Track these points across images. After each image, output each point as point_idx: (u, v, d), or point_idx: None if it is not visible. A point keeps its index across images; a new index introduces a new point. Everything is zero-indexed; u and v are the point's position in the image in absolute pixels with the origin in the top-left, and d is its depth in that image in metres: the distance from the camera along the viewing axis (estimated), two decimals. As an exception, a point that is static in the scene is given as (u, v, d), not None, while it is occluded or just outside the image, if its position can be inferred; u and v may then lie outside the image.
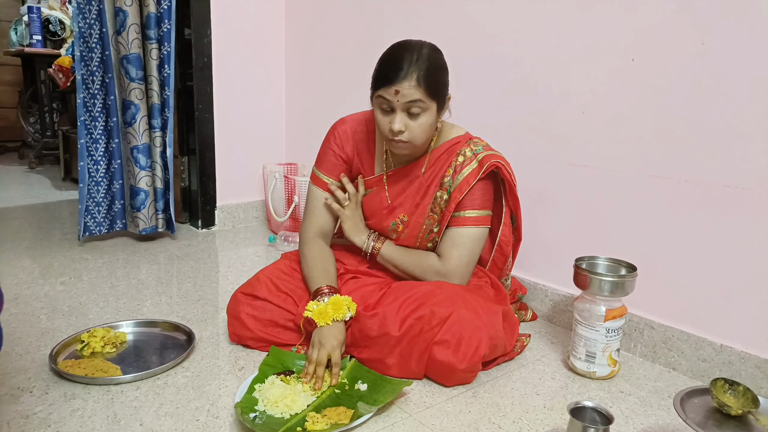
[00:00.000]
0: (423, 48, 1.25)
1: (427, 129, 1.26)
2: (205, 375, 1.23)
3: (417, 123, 1.24)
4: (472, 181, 1.32)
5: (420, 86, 1.20)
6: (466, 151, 1.36)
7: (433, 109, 1.25)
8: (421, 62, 1.21)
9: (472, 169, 1.33)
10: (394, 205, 1.40)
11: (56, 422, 1.04)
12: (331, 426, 1.01)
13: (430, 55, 1.24)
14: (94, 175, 2.18)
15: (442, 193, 1.36)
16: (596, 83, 1.44)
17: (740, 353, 1.23)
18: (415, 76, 1.20)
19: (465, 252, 1.34)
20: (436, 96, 1.24)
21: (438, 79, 1.25)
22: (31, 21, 3.72)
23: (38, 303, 1.59)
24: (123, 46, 2.06)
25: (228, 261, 2.08)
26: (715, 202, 1.25)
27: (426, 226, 1.38)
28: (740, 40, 1.18)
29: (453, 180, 1.34)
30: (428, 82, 1.21)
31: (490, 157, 1.33)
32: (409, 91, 1.20)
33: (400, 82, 1.20)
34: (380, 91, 1.23)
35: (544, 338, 1.50)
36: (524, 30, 1.59)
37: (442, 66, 1.28)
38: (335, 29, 2.31)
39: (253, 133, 2.55)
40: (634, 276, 1.24)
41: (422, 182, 1.38)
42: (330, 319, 1.23)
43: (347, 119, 1.46)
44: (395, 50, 1.26)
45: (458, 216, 1.34)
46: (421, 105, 1.22)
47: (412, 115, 1.23)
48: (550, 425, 1.09)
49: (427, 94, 1.21)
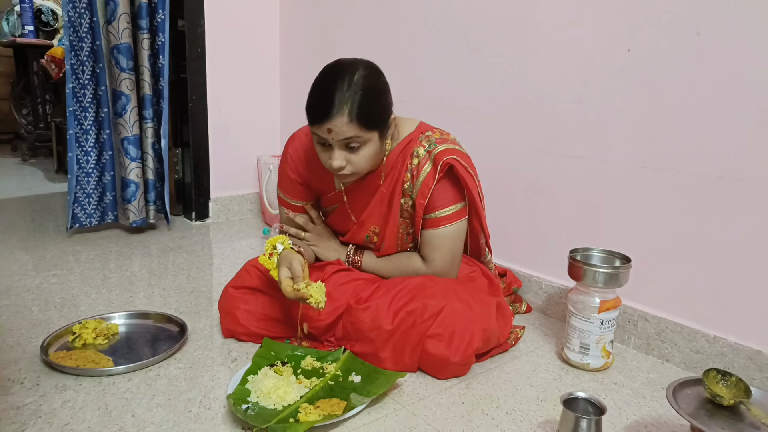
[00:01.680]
0: (355, 74, 1.14)
1: (371, 158, 1.20)
2: (197, 366, 1.23)
3: (358, 156, 1.18)
4: (431, 183, 1.26)
5: (353, 122, 1.12)
6: (419, 150, 1.28)
7: (374, 138, 1.18)
8: (352, 93, 1.12)
9: (428, 172, 1.27)
10: (362, 219, 1.36)
11: (47, 413, 1.03)
12: (324, 417, 1.01)
13: (363, 82, 1.14)
14: (85, 166, 2.16)
15: (406, 200, 1.31)
16: (591, 74, 1.43)
17: (733, 345, 1.23)
18: (347, 111, 1.11)
19: (446, 251, 1.31)
20: (375, 126, 1.17)
21: (375, 109, 1.16)
22: (23, 11, 3.68)
23: (30, 295, 1.58)
24: (114, 36, 2.04)
25: (222, 253, 2.07)
26: (709, 193, 1.25)
27: (402, 232, 1.35)
28: (736, 31, 1.17)
29: (413, 185, 1.29)
30: (363, 116, 1.13)
31: (443, 154, 1.26)
32: (343, 129, 1.13)
33: (331, 119, 1.12)
34: (313, 128, 1.17)
35: (538, 330, 1.50)
36: (518, 20, 1.58)
37: (379, 90, 1.18)
38: (330, 19, 2.29)
39: (247, 124, 2.54)
40: (628, 267, 1.24)
41: (383, 193, 1.32)
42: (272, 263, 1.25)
43: (299, 135, 1.38)
44: (324, 80, 1.16)
45: (431, 218, 1.29)
46: (359, 140, 1.15)
47: (352, 149, 1.17)
48: (543, 416, 1.09)
49: (363, 129, 1.14)
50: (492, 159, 1.69)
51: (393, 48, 1.99)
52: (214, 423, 1.02)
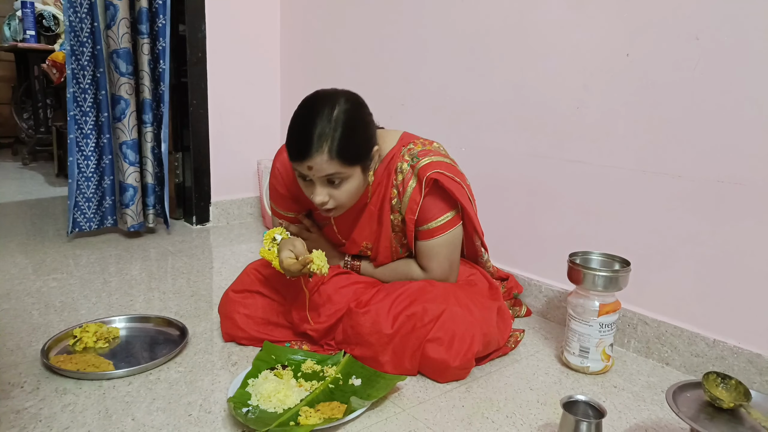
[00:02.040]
0: (335, 108, 1.12)
1: (354, 192, 1.20)
2: (197, 370, 1.23)
3: (341, 191, 1.17)
4: (418, 198, 1.25)
5: (333, 159, 1.10)
6: (402, 165, 1.26)
7: (356, 173, 1.17)
8: (332, 129, 1.10)
9: (414, 187, 1.25)
10: (352, 237, 1.36)
11: (48, 417, 1.03)
12: (324, 420, 1.01)
13: (344, 117, 1.12)
14: (85, 170, 2.17)
15: (396, 216, 1.29)
16: (591, 79, 1.44)
17: (733, 348, 1.24)
18: (327, 149, 1.10)
19: (443, 259, 1.31)
20: (356, 161, 1.15)
21: (356, 144, 1.14)
22: (24, 16, 3.69)
23: (30, 299, 1.58)
24: (113, 41, 2.05)
25: (222, 257, 2.07)
26: (708, 197, 1.25)
27: (395, 244, 1.35)
28: (735, 35, 1.18)
29: (401, 201, 1.27)
30: (343, 153, 1.11)
31: (427, 168, 1.23)
32: (323, 166, 1.11)
33: (311, 157, 1.10)
34: (294, 164, 1.15)
35: (538, 334, 1.50)
36: (519, 24, 1.59)
37: (359, 124, 1.16)
38: (331, 23, 2.30)
39: (248, 128, 2.54)
40: (628, 271, 1.24)
41: (372, 210, 1.31)
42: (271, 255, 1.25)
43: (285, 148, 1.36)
44: (303, 114, 1.14)
45: (424, 230, 1.28)
46: (341, 176, 1.14)
47: (335, 184, 1.16)
48: (543, 420, 1.09)
49: (344, 165, 1.12)
50: (492, 163, 1.69)
51: (394, 53, 2.00)
52: (214, 426, 1.02)
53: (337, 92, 1.17)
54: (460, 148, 1.77)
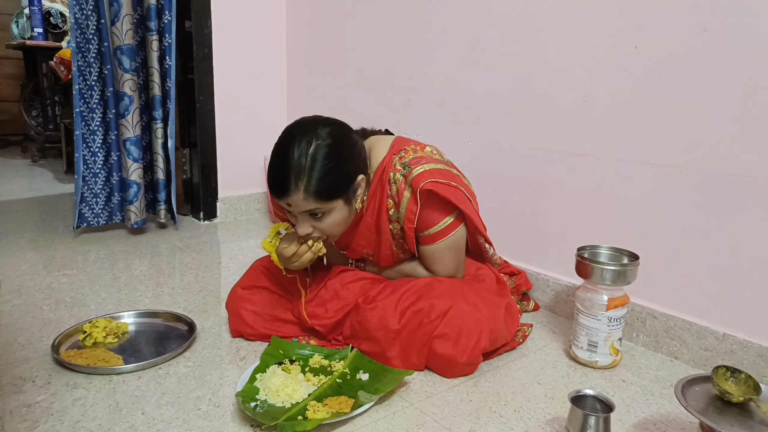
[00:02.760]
0: (312, 143, 1.09)
1: (341, 222, 1.18)
2: (206, 365, 1.23)
3: (325, 223, 1.16)
4: (414, 209, 1.23)
5: (310, 197, 1.10)
6: (396, 176, 1.24)
7: (338, 205, 1.15)
8: (309, 168, 1.08)
9: (408, 198, 1.23)
10: (352, 247, 1.35)
11: (59, 411, 1.04)
12: (332, 414, 1.02)
13: (322, 153, 1.09)
14: (92, 166, 2.18)
15: (394, 225, 1.29)
16: (598, 72, 1.43)
17: (742, 342, 1.23)
18: (303, 188, 1.08)
19: (448, 262, 1.31)
20: (336, 196, 1.13)
21: (334, 181, 1.11)
22: (32, 14, 3.71)
23: (41, 294, 1.59)
24: (117, 37, 2.05)
25: (230, 253, 2.08)
26: (717, 190, 1.24)
27: (396, 250, 1.34)
28: (743, 27, 1.17)
29: (398, 211, 1.26)
30: (321, 190, 1.10)
31: (419, 180, 1.21)
32: (303, 204, 1.11)
33: (289, 195, 1.10)
34: (274, 198, 1.15)
35: (546, 328, 1.50)
36: (525, 17, 1.58)
37: (338, 160, 1.12)
38: (336, 19, 2.30)
39: (255, 124, 2.55)
40: (636, 265, 1.23)
41: (368, 222, 1.30)
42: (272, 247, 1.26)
43: None
44: (281, 150, 1.12)
45: (425, 235, 1.28)
46: (322, 209, 1.13)
47: (317, 217, 1.15)
48: (551, 414, 1.09)
49: (323, 201, 1.11)
50: (498, 157, 1.69)
51: (399, 46, 1.99)
52: (223, 420, 1.03)
53: (318, 123, 1.14)
54: (465, 143, 1.76)
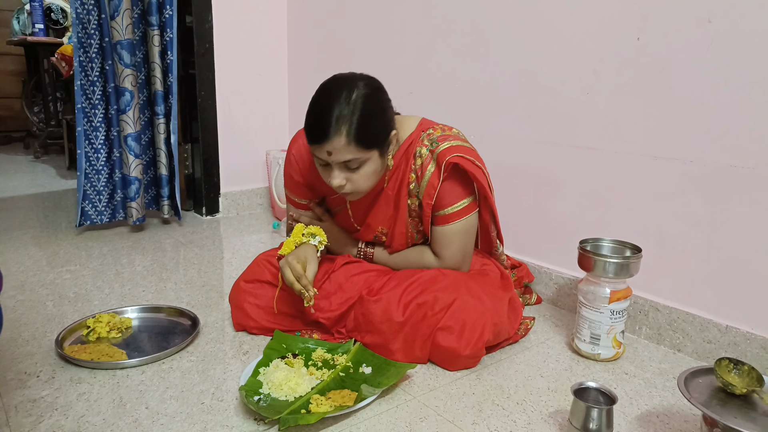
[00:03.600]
0: (353, 92, 1.12)
1: (373, 175, 1.19)
2: (209, 359, 1.24)
3: (359, 175, 1.17)
4: (436, 183, 1.25)
5: (352, 143, 1.11)
6: (422, 150, 1.26)
7: (374, 157, 1.17)
8: (351, 113, 1.10)
9: (432, 171, 1.25)
10: (367, 222, 1.36)
11: (63, 406, 1.04)
12: (335, 408, 1.02)
13: (362, 101, 1.12)
14: (95, 163, 2.18)
15: (413, 200, 1.30)
16: (601, 64, 1.42)
17: (746, 334, 1.23)
18: (345, 133, 1.10)
19: (456, 248, 1.31)
20: (374, 146, 1.15)
21: (374, 129, 1.14)
22: (33, 10, 3.71)
23: (44, 290, 1.60)
24: (117, 32, 2.04)
25: (232, 247, 2.08)
26: (721, 182, 1.24)
27: (411, 230, 1.34)
28: (747, 18, 1.16)
29: (419, 186, 1.27)
30: (361, 137, 1.11)
31: (446, 153, 1.23)
32: (341, 150, 1.12)
33: (329, 141, 1.11)
34: (312, 148, 1.16)
35: (549, 321, 1.50)
36: (527, 9, 1.57)
37: (378, 109, 1.16)
38: (338, 12, 2.29)
39: (256, 119, 2.55)
40: (639, 257, 1.23)
41: (388, 195, 1.31)
42: (291, 246, 1.24)
43: (301, 135, 1.35)
44: (321, 99, 1.14)
45: (440, 215, 1.29)
46: (359, 160, 1.14)
47: (352, 168, 1.16)
48: (554, 406, 1.09)
49: (362, 149, 1.13)
50: (501, 151, 1.68)
51: (401, 40, 1.99)
52: (226, 414, 1.03)
53: (355, 76, 1.17)
54: (469, 136, 1.75)
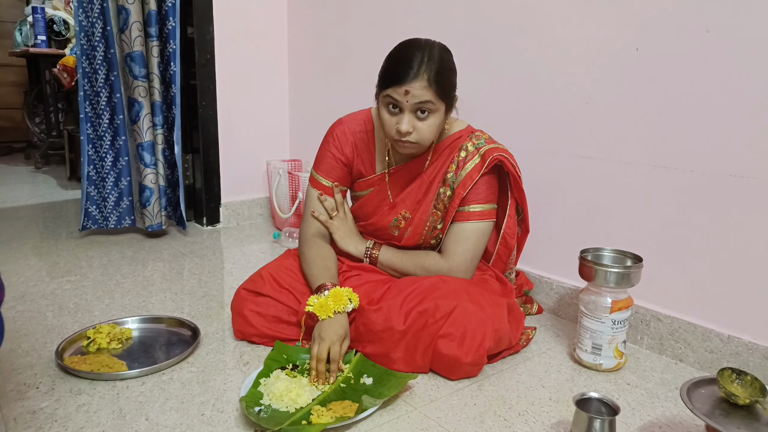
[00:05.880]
0: (434, 48, 1.23)
1: (435, 130, 1.26)
2: (210, 370, 1.23)
3: (425, 124, 1.23)
4: (475, 176, 1.32)
5: (431, 87, 1.19)
6: (468, 145, 1.35)
7: (441, 110, 1.24)
8: (432, 62, 1.20)
9: (474, 164, 1.33)
10: (396, 201, 1.40)
11: (63, 417, 1.04)
12: (336, 419, 1.01)
13: (440, 56, 1.23)
14: (100, 170, 2.20)
15: (445, 189, 1.35)
16: (600, 73, 1.43)
17: (748, 344, 1.22)
18: (426, 77, 1.19)
19: (469, 247, 1.34)
20: (446, 97, 1.23)
21: (448, 80, 1.24)
22: (35, 21, 3.73)
23: (44, 300, 1.60)
24: (126, 44, 2.07)
25: (233, 258, 2.08)
26: (721, 191, 1.24)
27: (430, 223, 1.38)
28: (745, 28, 1.17)
29: (456, 176, 1.34)
30: (439, 83, 1.20)
31: (493, 151, 1.33)
32: (420, 92, 1.19)
33: (410, 82, 1.18)
34: (389, 91, 1.21)
35: (550, 331, 1.49)
36: (527, 20, 1.58)
37: (451, 67, 1.26)
38: (338, 24, 2.30)
39: (257, 129, 2.55)
40: (640, 267, 1.23)
41: (424, 179, 1.37)
42: (331, 311, 1.21)
43: (345, 120, 1.44)
44: (405, 48, 1.24)
45: (463, 211, 1.34)
46: (431, 106, 1.21)
47: (421, 116, 1.23)
48: (556, 417, 1.09)
49: (437, 95, 1.20)
50: (501, 160, 1.68)
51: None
52: (227, 426, 1.03)
53: (432, 40, 1.27)
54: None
